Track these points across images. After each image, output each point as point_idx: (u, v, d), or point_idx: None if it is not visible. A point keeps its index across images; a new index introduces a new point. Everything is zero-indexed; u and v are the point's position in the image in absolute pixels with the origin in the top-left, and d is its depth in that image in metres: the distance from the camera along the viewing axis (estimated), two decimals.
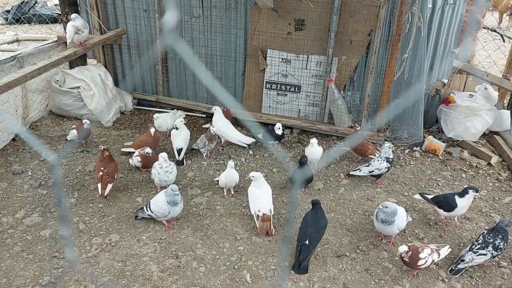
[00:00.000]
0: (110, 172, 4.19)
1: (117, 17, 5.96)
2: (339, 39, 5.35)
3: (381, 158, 4.58)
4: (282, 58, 5.59)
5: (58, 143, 5.30)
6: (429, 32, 5.29)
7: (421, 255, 3.32)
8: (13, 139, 5.26)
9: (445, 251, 3.54)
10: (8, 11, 10.36)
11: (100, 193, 4.18)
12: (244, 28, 5.61)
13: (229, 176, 4.28)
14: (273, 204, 4.08)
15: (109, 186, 4.19)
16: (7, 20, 10.24)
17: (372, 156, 4.90)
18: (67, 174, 4.71)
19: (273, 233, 3.87)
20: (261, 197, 3.95)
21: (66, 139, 5.30)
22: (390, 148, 4.61)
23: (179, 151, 4.86)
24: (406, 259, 3.36)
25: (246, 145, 5.26)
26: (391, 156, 4.59)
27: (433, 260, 3.41)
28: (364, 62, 5.47)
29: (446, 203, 3.95)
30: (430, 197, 4.11)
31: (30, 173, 4.70)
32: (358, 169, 4.71)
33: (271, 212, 3.90)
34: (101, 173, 4.18)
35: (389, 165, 4.57)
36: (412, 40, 5.07)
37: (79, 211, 4.16)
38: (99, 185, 4.18)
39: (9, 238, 3.78)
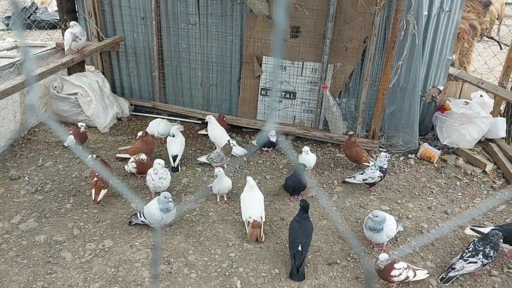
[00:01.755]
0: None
1: (114, 24, 6.01)
2: (334, 46, 5.38)
3: (375, 167, 4.59)
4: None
5: (55, 149, 5.35)
6: (424, 39, 5.32)
7: (396, 266, 3.30)
8: (11, 145, 5.31)
9: (422, 274, 3.51)
10: (9, 17, 10.44)
11: (93, 199, 4.22)
12: (240, 35, 5.66)
13: (221, 182, 4.31)
14: (266, 211, 4.11)
15: (103, 192, 4.22)
16: (8, 26, 10.32)
17: (367, 164, 4.93)
18: (63, 179, 4.75)
19: (263, 240, 3.89)
20: (252, 204, 3.98)
21: (64, 145, 5.35)
22: (386, 157, 4.59)
23: (174, 157, 4.89)
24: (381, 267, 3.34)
25: (238, 156, 5.28)
26: (385, 166, 4.57)
27: (408, 277, 3.36)
28: (359, 69, 5.50)
29: None
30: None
31: (27, 179, 4.74)
32: (353, 177, 4.73)
33: (262, 219, 3.92)
34: (95, 178, 4.23)
35: (382, 174, 4.56)
36: (407, 48, 5.10)
37: (74, 217, 4.19)
38: (93, 191, 4.23)
39: (4, 243, 3.82)
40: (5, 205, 4.31)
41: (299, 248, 3.51)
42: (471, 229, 4.01)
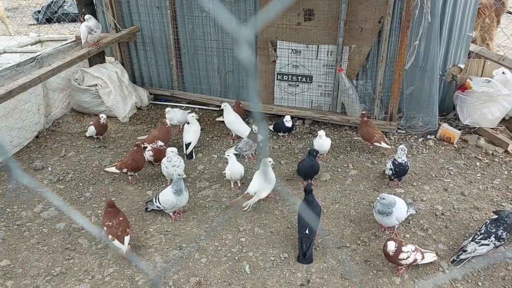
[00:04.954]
0: (126, 160, 4.58)
1: (131, 15, 6.12)
2: (349, 28, 5.29)
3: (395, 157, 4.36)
4: (292, 49, 5.59)
5: (78, 140, 5.53)
6: (443, 16, 5.16)
7: (404, 249, 3.27)
8: (37, 137, 5.53)
9: (430, 257, 3.46)
10: (39, 12, 10.78)
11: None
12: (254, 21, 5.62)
13: (233, 168, 4.36)
14: (278, 195, 4.13)
15: (112, 168, 4.63)
16: (38, 21, 10.65)
17: (378, 144, 4.84)
18: (84, 169, 4.92)
19: (244, 210, 4.13)
20: (255, 180, 4.15)
21: (85, 136, 5.52)
22: (402, 150, 4.28)
23: (188, 145, 4.97)
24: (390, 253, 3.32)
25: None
26: (399, 160, 4.26)
27: (416, 259, 3.33)
28: (376, 50, 5.39)
29: None
30: None
31: (50, 169, 4.94)
32: None
33: (257, 194, 4.05)
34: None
35: (392, 167, 4.30)
36: (422, 26, 4.95)
37: (93, 205, 4.35)
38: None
39: (27, 231, 4.01)
40: (29, 195, 4.51)
41: (306, 231, 3.53)
42: (494, 212, 3.90)
